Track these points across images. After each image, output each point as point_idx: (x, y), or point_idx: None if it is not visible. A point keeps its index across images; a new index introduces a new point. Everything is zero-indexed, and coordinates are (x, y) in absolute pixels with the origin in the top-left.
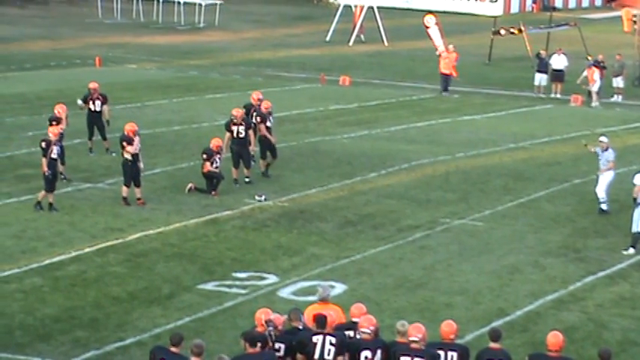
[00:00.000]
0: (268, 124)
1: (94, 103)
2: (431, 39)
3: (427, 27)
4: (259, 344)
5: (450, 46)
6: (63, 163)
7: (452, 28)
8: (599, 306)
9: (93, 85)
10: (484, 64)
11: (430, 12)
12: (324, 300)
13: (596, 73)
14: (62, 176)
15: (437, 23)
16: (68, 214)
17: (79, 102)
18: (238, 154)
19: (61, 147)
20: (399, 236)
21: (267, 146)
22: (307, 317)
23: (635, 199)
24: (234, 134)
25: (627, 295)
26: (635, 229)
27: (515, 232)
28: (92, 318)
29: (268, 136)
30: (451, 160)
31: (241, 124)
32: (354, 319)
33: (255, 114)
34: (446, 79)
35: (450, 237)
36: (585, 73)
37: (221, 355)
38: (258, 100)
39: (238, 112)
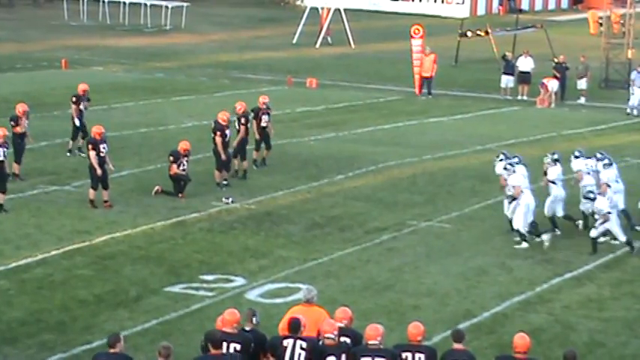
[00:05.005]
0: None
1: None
2: (411, 48)
3: (412, 37)
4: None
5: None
6: (18, 162)
7: None
8: (565, 307)
9: (84, 86)
10: (451, 66)
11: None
12: (308, 301)
13: (551, 81)
14: (10, 177)
15: (421, 36)
16: (35, 217)
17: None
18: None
19: (7, 147)
20: (366, 238)
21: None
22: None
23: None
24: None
25: (594, 296)
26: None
27: (483, 234)
28: (59, 321)
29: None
30: (418, 162)
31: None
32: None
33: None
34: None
35: (417, 239)
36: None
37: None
38: (264, 103)
39: (226, 116)
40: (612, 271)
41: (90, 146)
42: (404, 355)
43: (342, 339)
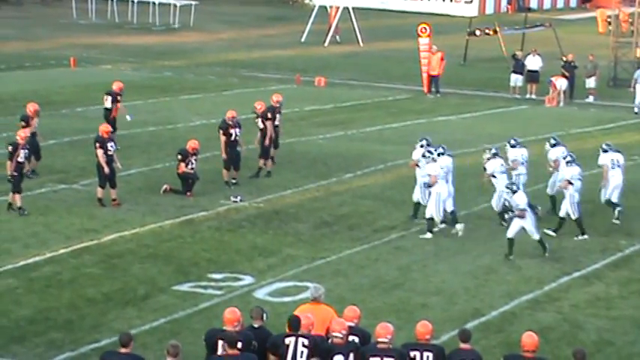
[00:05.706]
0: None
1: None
2: (419, 46)
3: (419, 36)
4: (240, 344)
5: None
6: (38, 159)
7: None
8: (574, 306)
9: (120, 84)
10: (459, 65)
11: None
12: (316, 300)
13: (560, 79)
14: (29, 174)
15: (428, 35)
16: (43, 215)
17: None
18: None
19: (29, 148)
20: (374, 237)
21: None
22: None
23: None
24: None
25: (602, 295)
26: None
27: (491, 232)
28: (67, 319)
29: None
30: None
31: (236, 127)
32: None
33: (276, 114)
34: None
35: (426, 238)
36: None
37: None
38: (277, 102)
39: (232, 114)
40: (621, 269)
41: (97, 145)
42: (412, 353)
43: (351, 338)
